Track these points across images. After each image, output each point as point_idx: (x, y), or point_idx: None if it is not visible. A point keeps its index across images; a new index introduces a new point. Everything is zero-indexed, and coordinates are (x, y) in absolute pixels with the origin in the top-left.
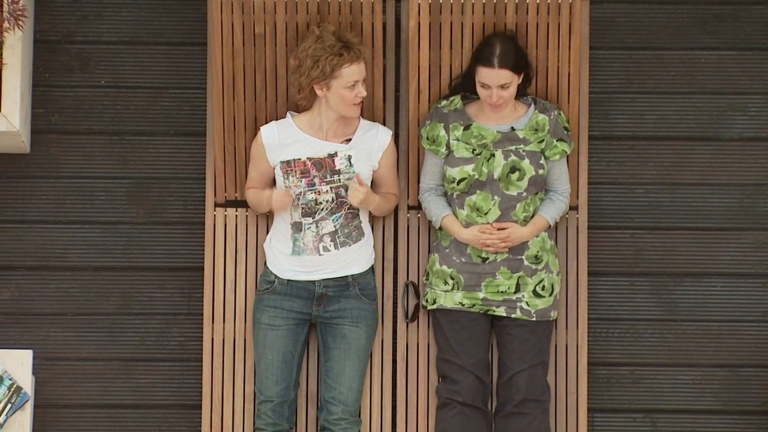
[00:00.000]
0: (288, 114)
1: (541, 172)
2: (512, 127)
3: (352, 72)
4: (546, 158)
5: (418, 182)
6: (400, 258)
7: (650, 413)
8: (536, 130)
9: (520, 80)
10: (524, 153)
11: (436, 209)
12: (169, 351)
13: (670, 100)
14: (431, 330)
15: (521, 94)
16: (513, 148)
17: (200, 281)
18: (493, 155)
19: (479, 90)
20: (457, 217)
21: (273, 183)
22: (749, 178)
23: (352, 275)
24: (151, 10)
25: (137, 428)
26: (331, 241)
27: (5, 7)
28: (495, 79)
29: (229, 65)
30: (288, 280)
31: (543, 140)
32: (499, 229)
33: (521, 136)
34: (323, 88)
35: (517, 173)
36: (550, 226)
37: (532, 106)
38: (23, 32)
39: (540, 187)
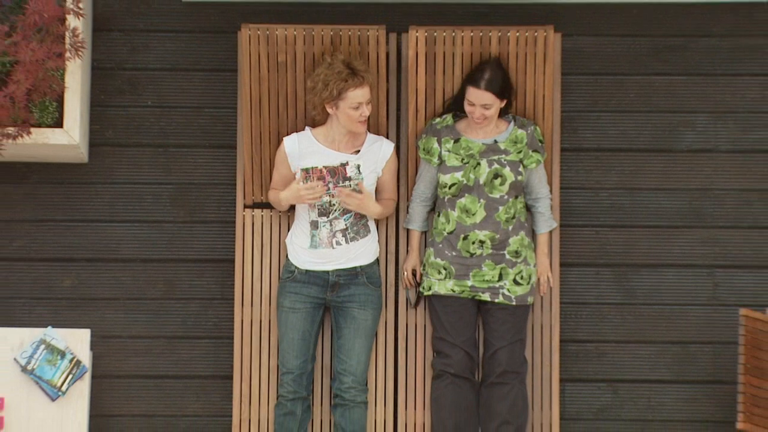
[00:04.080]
0: (306, 128)
1: (519, 178)
2: (495, 140)
3: (356, 95)
4: (524, 166)
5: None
6: (401, 251)
7: (613, 383)
8: (515, 142)
9: (503, 104)
10: (505, 162)
11: (413, 217)
12: (205, 330)
13: (629, 117)
14: (427, 313)
15: (503, 113)
16: (496, 158)
17: (232, 271)
18: (479, 164)
19: (466, 106)
20: (445, 220)
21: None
22: (697, 184)
23: (360, 266)
24: (190, 42)
25: (179, 395)
26: (342, 236)
27: (67, 39)
28: (479, 98)
29: (256, 89)
30: (306, 270)
31: (521, 151)
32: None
33: (503, 148)
34: (333, 107)
35: (499, 179)
36: (551, 232)
37: (512, 122)
38: (82, 61)
39: (519, 191)
